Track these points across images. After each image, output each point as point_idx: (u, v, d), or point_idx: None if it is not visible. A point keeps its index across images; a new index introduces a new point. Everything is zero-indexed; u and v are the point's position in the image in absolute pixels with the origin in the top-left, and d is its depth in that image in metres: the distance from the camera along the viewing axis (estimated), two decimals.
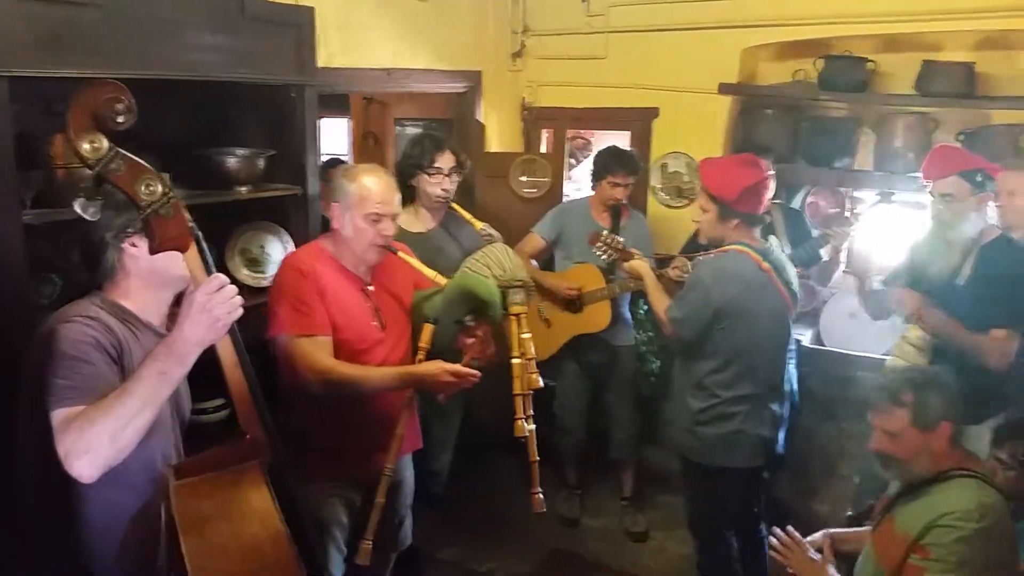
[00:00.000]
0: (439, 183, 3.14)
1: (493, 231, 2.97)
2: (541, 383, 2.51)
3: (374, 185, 2.41)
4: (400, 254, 2.50)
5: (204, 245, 1.72)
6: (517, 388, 2.49)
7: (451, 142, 3.24)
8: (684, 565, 3.69)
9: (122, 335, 1.77)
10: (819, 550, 2.32)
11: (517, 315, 2.55)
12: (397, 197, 2.47)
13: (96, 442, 1.54)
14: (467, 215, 3.12)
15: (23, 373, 1.75)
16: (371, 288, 2.52)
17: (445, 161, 3.15)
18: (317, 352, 2.33)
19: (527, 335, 2.53)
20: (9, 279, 2.05)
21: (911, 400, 2.06)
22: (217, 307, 1.59)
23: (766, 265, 2.86)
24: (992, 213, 2.97)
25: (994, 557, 1.95)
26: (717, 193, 2.83)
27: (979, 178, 2.85)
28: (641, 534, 3.95)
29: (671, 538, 3.89)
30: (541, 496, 2.53)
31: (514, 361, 2.50)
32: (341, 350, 2.40)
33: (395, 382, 2.41)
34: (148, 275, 1.84)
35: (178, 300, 1.82)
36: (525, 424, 2.46)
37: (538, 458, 2.52)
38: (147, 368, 1.60)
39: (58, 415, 1.60)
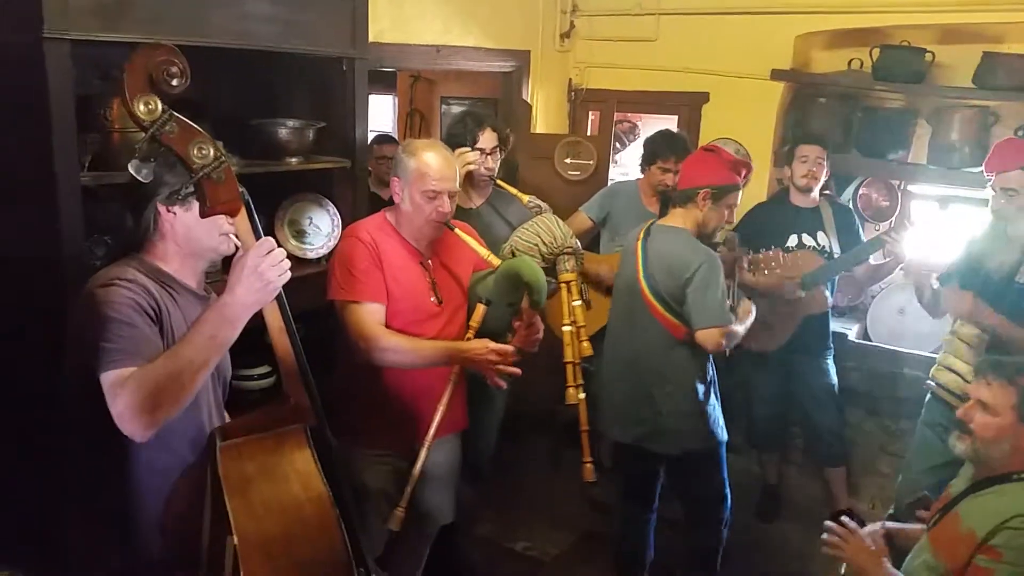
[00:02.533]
0: (483, 161, 3.13)
1: (541, 202, 2.94)
2: (591, 351, 2.50)
3: (433, 161, 2.42)
4: (457, 231, 2.52)
5: (254, 211, 1.72)
6: (568, 355, 2.49)
7: (493, 119, 3.22)
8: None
9: (160, 297, 1.79)
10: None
11: (568, 283, 2.54)
12: (455, 174, 2.48)
13: (149, 404, 1.57)
14: (512, 190, 3.10)
15: (68, 335, 1.78)
16: (430, 262, 2.54)
17: (487, 139, 3.13)
18: (367, 319, 2.38)
19: (578, 302, 2.53)
20: (68, 240, 2.09)
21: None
22: (268, 270, 1.61)
23: (638, 244, 2.91)
24: None
25: None
26: None
27: None
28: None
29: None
30: (592, 465, 2.55)
31: (564, 329, 2.51)
32: (396, 320, 2.44)
33: (440, 356, 2.43)
34: (183, 242, 1.85)
35: (226, 266, 1.83)
36: (576, 392, 2.47)
37: (588, 428, 2.54)
38: (198, 332, 1.62)
39: (108, 377, 1.63)
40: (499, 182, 3.17)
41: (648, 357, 2.91)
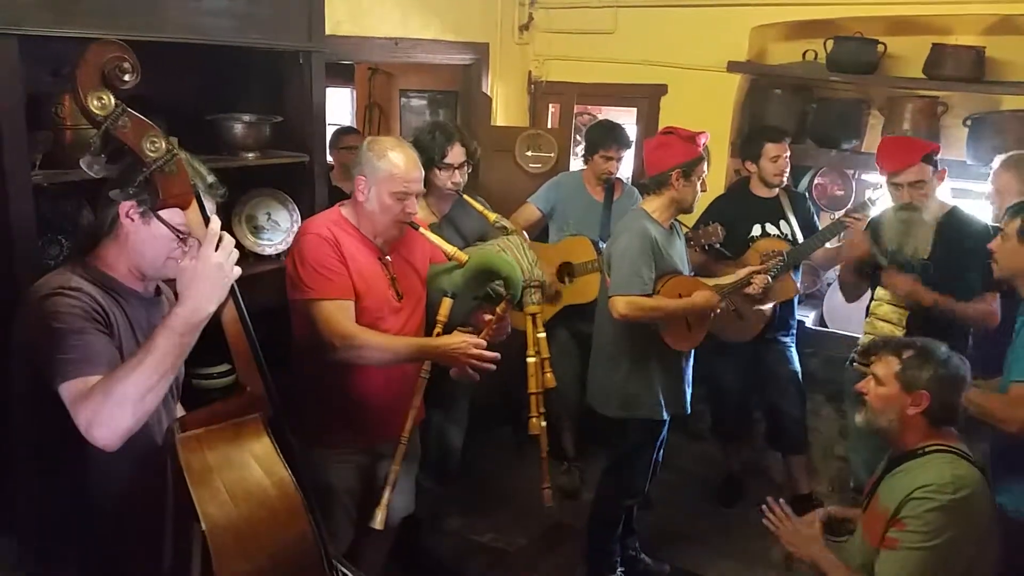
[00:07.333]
0: (450, 176, 3.11)
1: (508, 223, 2.88)
2: (555, 383, 2.58)
3: (402, 162, 2.41)
4: (421, 230, 2.52)
5: (204, 202, 1.71)
6: (532, 386, 2.55)
7: (462, 133, 3.19)
8: (679, 538, 3.74)
9: (107, 305, 1.75)
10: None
11: (533, 315, 2.57)
12: (421, 173, 2.48)
13: (116, 412, 1.55)
14: (479, 206, 3.04)
15: (12, 344, 1.74)
16: (388, 258, 2.54)
17: (456, 154, 3.10)
18: (341, 316, 2.35)
19: (542, 335, 2.59)
20: (20, 240, 2.06)
21: (906, 357, 2.13)
22: (213, 275, 1.57)
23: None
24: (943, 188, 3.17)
25: (971, 530, 1.99)
26: None
27: (935, 157, 3.03)
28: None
29: (670, 508, 3.93)
30: (550, 491, 2.63)
31: (529, 360, 2.57)
32: (360, 317, 2.42)
33: (416, 352, 2.43)
34: (133, 254, 1.81)
35: None
36: (539, 422, 2.54)
37: (546, 455, 2.63)
38: (159, 337, 1.59)
39: (69, 388, 1.60)
40: (466, 197, 3.13)
41: (599, 318, 3.20)
